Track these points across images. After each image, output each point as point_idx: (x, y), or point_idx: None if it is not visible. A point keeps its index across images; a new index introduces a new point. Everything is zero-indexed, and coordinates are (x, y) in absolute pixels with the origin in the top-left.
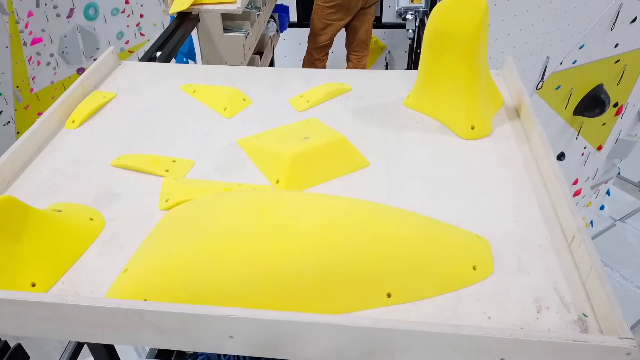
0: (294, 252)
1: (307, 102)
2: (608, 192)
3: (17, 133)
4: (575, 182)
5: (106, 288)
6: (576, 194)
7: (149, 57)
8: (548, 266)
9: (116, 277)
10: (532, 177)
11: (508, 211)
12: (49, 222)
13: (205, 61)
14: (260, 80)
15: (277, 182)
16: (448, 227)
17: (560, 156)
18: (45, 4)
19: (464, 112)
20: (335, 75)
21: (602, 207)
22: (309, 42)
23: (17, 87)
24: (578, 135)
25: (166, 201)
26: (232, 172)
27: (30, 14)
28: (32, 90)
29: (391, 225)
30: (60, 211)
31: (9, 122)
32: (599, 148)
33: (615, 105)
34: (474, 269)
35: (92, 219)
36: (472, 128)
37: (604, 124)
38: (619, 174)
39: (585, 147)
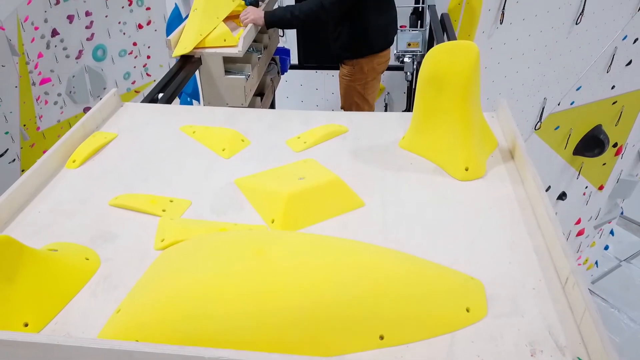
0: (287, 293)
1: (305, 143)
2: (612, 232)
3: (22, 171)
4: (578, 222)
5: (99, 329)
6: (579, 233)
7: (150, 98)
8: (542, 309)
9: (109, 317)
10: (526, 219)
11: (503, 253)
12: (44, 262)
13: (207, 102)
14: (260, 122)
15: (273, 222)
16: (442, 269)
17: (562, 196)
18: (55, 46)
19: (459, 153)
20: (332, 117)
21: (606, 248)
22: (356, 107)
23: (24, 125)
24: (579, 175)
25: (162, 241)
26: (229, 212)
27: (40, 55)
28: (38, 128)
29: (385, 267)
30: (56, 251)
31: (14, 159)
32: (601, 188)
33: (615, 145)
34: (468, 311)
35: (87, 259)
36: (467, 169)
37: (604, 164)
38: (622, 213)
39: (586, 187)
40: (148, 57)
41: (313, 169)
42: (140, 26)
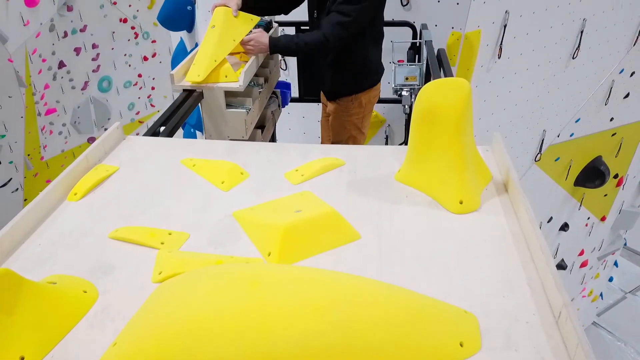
0: (281, 327)
1: (302, 175)
2: (616, 264)
3: (25, 200)
4: (581, 253)
5: None
6: (583, 265)
7: (152, 131)
8: (536, 343)
9: (105, 350)
10: (520, 252)
11: (497, 286)
12: (42, 295)
13: (208, 135)
14: (259, 155)
15: (269, 255)
16: (436, 302)
17: (564, 227)
18: (62, 77)
19: (453, 187)
20: (330, 150)
21: (610, 279)
22: (353, 140)
23: (29, 155)
24: (581, 206)
25: (159, 274)
26: (226, 245)
27: (46, 87)
28: (42, 158)
29: (380, 301)
30: (55, 283)
31: (17, 189)
32: (603, 219)
33: (616, 176)
34: (462, 345)
35: (85, 292)
36: (461, 202)
37: (605, 195)
38: (625, 245)
39: (588, 218)
40: (152, 88)
41: (310, 201)
42: (145, 58)
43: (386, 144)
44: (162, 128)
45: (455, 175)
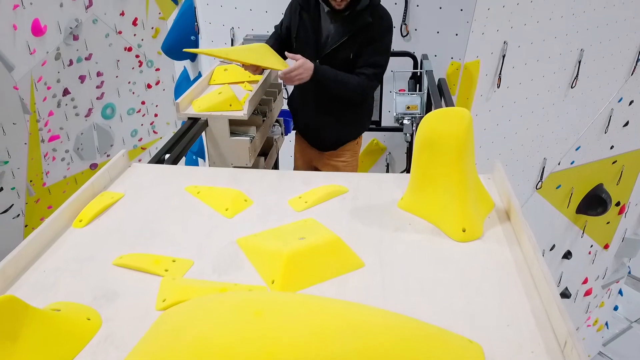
0: (285, 356)
1: (306, 202)
2: (620, 292)
3: (26, 226)
4: (585, 282)
5: None
6: (587, 293)
7: (157, 159)
8: None
9: None
10: (524, 280)
11: (501, 315)
12: (46, 322)
13: (212, 162)
14: (262, 182)
15: (273, 283)
16: (441, 331)
17: (567, 255)
18: (66, 104)
19: (455, 215)
20: (333, 178)
21: (615, 308)
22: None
23: (31, 181)
24: (583, 233)
25: (163, 301)
26: (230, 272)
27: (50, 114)
28: (44, 184)
29: (384, 330)
30: (59, 310)
31: (18, 215)
32: (606, 247)
33: (618, 204)
34: None
35: (89, 319)
36: (464, 230)
37: (608, 223)
38: (629, 273)
39: (591, 246)
40: (155, 115)
41: (313, 228)
42: (149, 86)
43: (387, 171)
44: (167, 155)
45: (457, 203)
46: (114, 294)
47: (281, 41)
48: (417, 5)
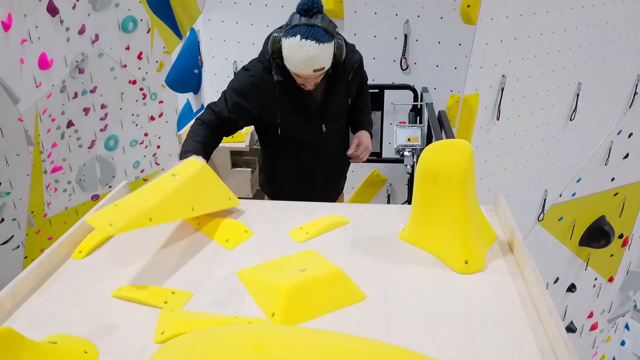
0: None
1: (307, 234)
2: (627, 326)
3: (25, 258)
4: (591, 316)
5: None
6: (593, 327)
7: None
8: None
9: None
10: (528, 314)
11: (505, 349)
12: (43, 355)
13: None
14: (263, 213)
15: (273, 316)
16: None
17: (572, 288)
18: (70, 136)
19: (457, 247)
20: (335, 209)
21: (622, 343)
22: None
23: (32, 212)
24: (587, 266)
25: (162, 334)
26: (230, 305)
27: (54, 145)
28: (45, 215)
29: None
30: (55, 343)
31: (18, 246)
32: (611, 280)
33: (621, 236)
34: None
35: (86, 352)
36: (466, 262)
37: (612, 255)
38: (635, 307)
39: (596, 279)
40: (158, 146)
41: (314, 260)
42: (152, 118)
43: (388, 202)
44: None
45: (459, 234)
46: (111, 327)
47: (218, 131)
48: (417, 40)
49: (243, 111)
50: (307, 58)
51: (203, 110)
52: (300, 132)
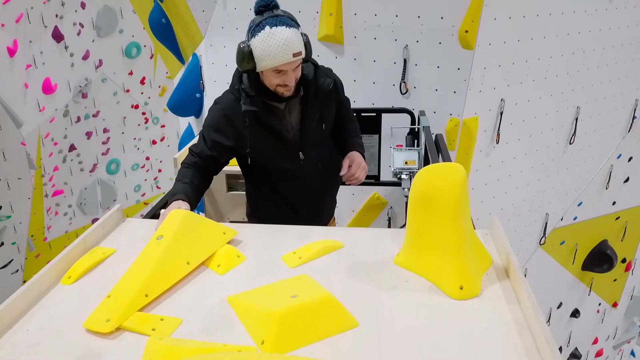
0: None
1: (300, 258)
2: (633, 353)
3: (24, 282)
4: (595, 342)
5: None
6: (598, 354)
7: (152, 214)
8: None
9: None
10: (525, 342)
11: None
12: None
13: (209, 216)
14: (257, 237)
15: (262, 344)
16: None
17: (575, 313)
18: (72, 160)
19: (452, 271)
20: (329, 233)
21: None
22: None
23: (32, 236)
24: (590, 291)
25: None
26: (219, 332)
27: (56, 169)
28: (45, 239)
29: None
30: None
31: (17, 270)
32: (615, 305)
33: (624, 260)
34: None
35: None
36: (461, 288)
37: (615, 280)
38: None
39: (600, 304)
40: (159, 170)
41: (306, 286)
42: (154, 142)
43: (389, 226)
44: (163, 210)
45: (454, 259)
46: (97, 355)
47: (206, 171)
48: (416, 64)
49: (221, 147)
50: (282, 42)
51: (187, 155)
52: (276, 160)
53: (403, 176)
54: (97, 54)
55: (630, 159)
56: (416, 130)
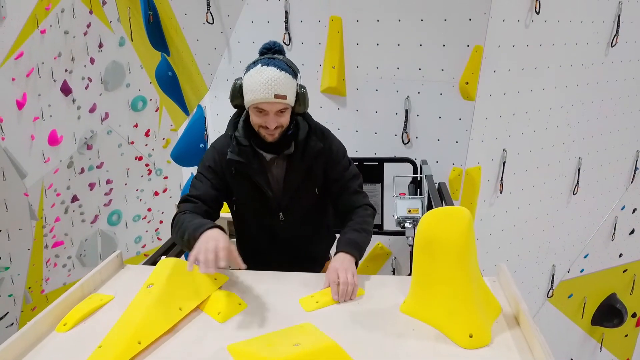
0: None
1: (317, 302)
2: None
3: None
4: None
5: None
6: None
7: (153, 260)
8: None
9: None
10: None
11: None
12: None
13: None
14: (259, 284)
15: None
16: None
17: None
18: (74, 211)
19: (461, 319)
20: None
21: None
22: None
23: (29, 288)
24: (601, 347)
25: None
26: None
27: (57, 219)
28: (43, 291)
29: None
30: None
31: (12, 324)
32: None
33: (634, 315)
34: None
35: None
36: (471, 336)
37: (626, 336)
38: None
39: None
40: (161, 222)
41: (309, 334)
42: (156, 193)
43: (389, 275)
44: (163, 257)
45: (462, 306)
46: None
47: (209, 214)
48: (417, 115)
49: (219, 186)
50: (267, 80)
51: (180, 205)
52: (257, 215)
53: (407, 225)
54: (104, 106)
55: (634, 210)
56: (419, 179)
